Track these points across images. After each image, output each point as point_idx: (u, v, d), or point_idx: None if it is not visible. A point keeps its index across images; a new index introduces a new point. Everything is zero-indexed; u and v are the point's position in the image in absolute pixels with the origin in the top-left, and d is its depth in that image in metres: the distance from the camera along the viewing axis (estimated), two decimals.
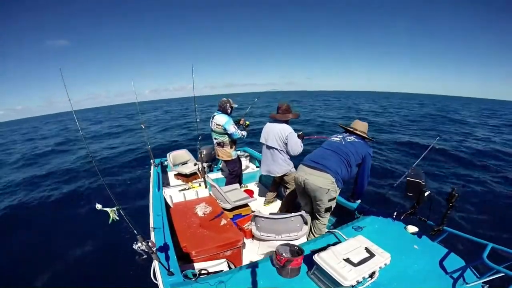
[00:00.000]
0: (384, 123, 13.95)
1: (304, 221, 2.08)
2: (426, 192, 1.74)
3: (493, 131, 12.58)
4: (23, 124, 47.38)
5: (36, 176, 7.38)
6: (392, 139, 9.74)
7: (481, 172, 5.98)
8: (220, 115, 3.18)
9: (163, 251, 1.72)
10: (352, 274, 1.29)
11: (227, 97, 3.34)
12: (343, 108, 23.36)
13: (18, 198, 5.79)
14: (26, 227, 4.53)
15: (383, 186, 5.20)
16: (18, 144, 15.04)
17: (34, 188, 6.40)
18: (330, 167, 2.00)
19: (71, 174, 7.28)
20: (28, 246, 3.88)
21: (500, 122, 16.49)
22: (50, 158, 9.87)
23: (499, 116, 21.60)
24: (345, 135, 2.23)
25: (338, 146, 2.12)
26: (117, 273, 2.94)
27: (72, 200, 5.58)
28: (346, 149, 2.07)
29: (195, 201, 2.72)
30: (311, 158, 2.15)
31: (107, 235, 3.76)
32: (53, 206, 5.36)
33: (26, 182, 6.93)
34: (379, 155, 7.43)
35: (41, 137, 17.56)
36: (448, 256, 1.63)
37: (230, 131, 3.13)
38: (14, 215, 5.04)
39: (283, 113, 2.75)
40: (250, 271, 1.52)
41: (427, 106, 29.54)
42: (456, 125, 14.17)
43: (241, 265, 1.78)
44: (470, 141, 9.28)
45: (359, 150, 2.08)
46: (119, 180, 6.48)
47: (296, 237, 2.06)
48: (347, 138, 2.16)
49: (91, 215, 4.71)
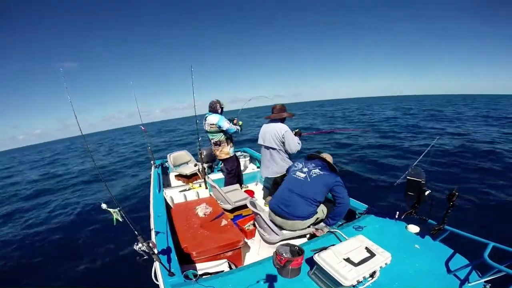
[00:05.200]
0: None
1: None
2: (426, 191, 1.74)
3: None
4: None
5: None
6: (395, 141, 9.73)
7: (482, 170, 5.95)
8: (212, 115, 3.24)
9: (164, 252, 1.73)
10: (353, 274, 1.29)
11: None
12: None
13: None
14: (26, 227, 4.55)
15: (384, 185, 5.19)
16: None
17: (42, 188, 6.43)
18: (300, 213, 1.97)
19: (72, 175, 7.31)
20: (28, 246, 3.90)
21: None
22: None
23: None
24: (310, 166, 2.07)
25: (302, 188, 1.98)
26: (118, 273, 2.95)
27: (72, 201, 5.60)
28: (311, 188, 1.96)
29: (196, 201, 2.72)
30: (278, 202, 2.06)
31: (108, 236, 3.78)
32: (53, 205, 5.39)
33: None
34: (379, 155, 7.42)
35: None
36: (450, 255, 1.62)
37: (225, 127, 3.18)
38: (14, 214, 5.06)
39: (277, 112, 2.77)
40: (251, 272, 1.52)
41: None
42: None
43: (242, 266, 1.78)
44: (471, 140, 9.24)
45: (327, 181, 1.96)
46: (120, 181, 6.50)
47: (264, 237, 2.06)
48: (312, 172, 2.01)
49: (92, 216, 4.72)
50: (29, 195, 6.99)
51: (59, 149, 23.93)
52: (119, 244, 3.50)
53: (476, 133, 10.18)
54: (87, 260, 3.37)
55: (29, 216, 5.27)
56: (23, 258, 3.60)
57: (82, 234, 4.10)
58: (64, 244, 3.90)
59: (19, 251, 3.80)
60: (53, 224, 4.71)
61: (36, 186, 7.99)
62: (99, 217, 4.56)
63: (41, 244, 3.97)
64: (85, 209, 5.17)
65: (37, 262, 3.47)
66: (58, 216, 5.07)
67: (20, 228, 4.70)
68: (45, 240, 4.08)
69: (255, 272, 1.51)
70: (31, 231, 4.51)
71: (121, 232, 3.59)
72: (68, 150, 23.20)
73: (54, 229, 4.50)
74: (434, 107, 27.23)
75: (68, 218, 4.88)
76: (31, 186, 8.41)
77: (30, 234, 4.36)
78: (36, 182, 9.05)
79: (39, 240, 4.10)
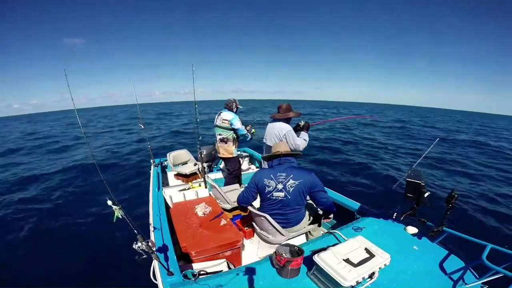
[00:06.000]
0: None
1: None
2: (425, 193, 1.75)
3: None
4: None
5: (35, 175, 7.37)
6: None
7: (481, 172, 5.99)
8: (227, 112, 3.30)
9: (163, 251, 1.72)
10: (352, 274, 1.29)
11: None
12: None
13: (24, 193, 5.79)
14: (26, 227, 4.52)
15: (383, 187, 5.20)
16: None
17: (34, 184, 6.39)
18: (293, 221, 1.98)
19: (71, 173, 7.27)
20: (28, 246, 3.87)
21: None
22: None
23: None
24: (282, 178, 1.89)
25: (286, 207, 1.91)
26: (117, 272, 2.93)
27: (71, 200, 5.58)
28: (294, 201, 1.89)
29: (195, 201, 2.71)
30: (273, 218, 1.97)
31: (106, 235, 3.76)
32: (52, 205, 5.36)
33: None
34: (379, 158, 7.45)
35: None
36: (448, 257, 1.63)
37: (237, 126, 3.23)
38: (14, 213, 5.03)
39: (283, 112, 2.76)
40: (250, 272, 1.52)
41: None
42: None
43: (241, 266, 1.78)
44: (471, 141, 9.29)
45: (305, 187, 1.86)
46: (119, 179, 6.48)
47: (268, 239, 2.04)
48: (287, 186, 1.86)
49: (91, 215, 4.70)
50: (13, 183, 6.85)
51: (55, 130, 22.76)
52: (117, 242, 3.48)
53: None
54: (84, 258, 3.35)
55: (15, 210, 5.23)
56: (19, 258, 3.58)
57: (79, 232, 4.08)
58: (60, 242, 3.88)
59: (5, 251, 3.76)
60: (49, 220, 4.68)
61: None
62: (98, 216, 4.55)
63: (35, 241, 3.94)
64: (84, 206, 5.15)
65: (32, 260, 3.45)
66: (55, 211, 5.04)
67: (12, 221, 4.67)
68: (41, 237, 4.06)
69: (254, 272, 1.51)
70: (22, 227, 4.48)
71: (120, 231, 3.57)
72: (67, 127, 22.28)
73: (52, 226, 4.48)
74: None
75: (65, 215, 4.85)
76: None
77: (21, 231, 4.33)
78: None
79: (31, 237, 4.07)
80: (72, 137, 14.23)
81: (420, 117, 30.17)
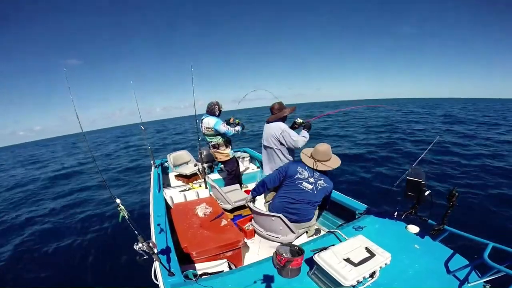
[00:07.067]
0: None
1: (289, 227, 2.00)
2: (426, 192, 1.73)
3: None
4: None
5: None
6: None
7: (482, 170, 5.96)
8: (208, 118, 3.16)
9: (164, 252, 1.72)
10: (353, 274, 1.29)
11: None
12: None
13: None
14: (25, 227, 4.54)
15: (383, 185, 5.19)
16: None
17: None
18: (308, 216, 2.11)
19: (72, 175, 7.30)
20: (27, 246, 3.89)
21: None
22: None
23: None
24: (316, 177, 2.06)
25: (310, 199, 2.03)
26: (118, 273, 2.94)
27: (71, 201, 5.60)
28: (316, 198, 2.05)
29: (196, 201, 2.72)
30: (280, 210, 2.05)
31: (108, 236, 3.78)
32: (52, 205, 5.38)
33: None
34: (379, 160, 7.43)
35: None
36: (449, 256, 1.62)
37: (222, 130, 3.11)
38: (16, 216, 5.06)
39: (276, 113, 2.74)
40: (251, 272, 1.52)
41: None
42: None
43: (242, 266, 1.78)
44: (472, 140, 9.24)
45: (328, 192, 2.10)
46: (120, 180, 6.49)
47: (278, 239, 2.05)
48: (318, 184, 2.04)
49: (92, 216, 4.72)
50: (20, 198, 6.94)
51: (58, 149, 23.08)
52: (118, 243, 3.50)
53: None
54: (85, 259, 3.37)
55: (22, 213, 5.26)
56: (18, 257, 3.60)
57: (80, 233, 4.09)
58: (61, 243, 3.89)
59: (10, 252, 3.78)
60: (51, 223, 4.70)
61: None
62: (99, 216, 4.57)
63: (37, 243, 3.96)
64: (84, 206, 5.17)
65: (32, 260, 3.47)
66: (58, 215, 5.06)
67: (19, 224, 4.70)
68: (41, 238, 4.07)
69: (254, 272, 1.51)
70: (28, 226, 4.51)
71: (121, 232, 3.58)
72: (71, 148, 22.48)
73: (52, 227, 4.50)
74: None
75: (68, 218, 4.87)
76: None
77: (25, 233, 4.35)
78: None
79: (34, 239, 4.09)
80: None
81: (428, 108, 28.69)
